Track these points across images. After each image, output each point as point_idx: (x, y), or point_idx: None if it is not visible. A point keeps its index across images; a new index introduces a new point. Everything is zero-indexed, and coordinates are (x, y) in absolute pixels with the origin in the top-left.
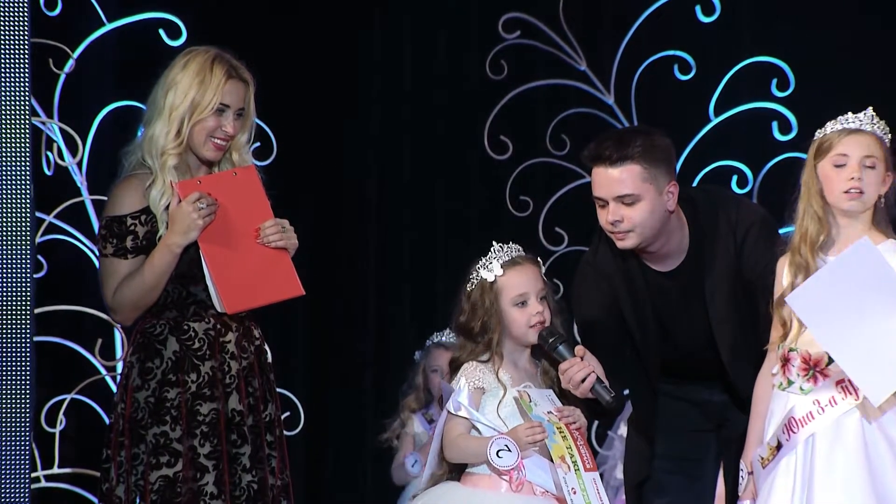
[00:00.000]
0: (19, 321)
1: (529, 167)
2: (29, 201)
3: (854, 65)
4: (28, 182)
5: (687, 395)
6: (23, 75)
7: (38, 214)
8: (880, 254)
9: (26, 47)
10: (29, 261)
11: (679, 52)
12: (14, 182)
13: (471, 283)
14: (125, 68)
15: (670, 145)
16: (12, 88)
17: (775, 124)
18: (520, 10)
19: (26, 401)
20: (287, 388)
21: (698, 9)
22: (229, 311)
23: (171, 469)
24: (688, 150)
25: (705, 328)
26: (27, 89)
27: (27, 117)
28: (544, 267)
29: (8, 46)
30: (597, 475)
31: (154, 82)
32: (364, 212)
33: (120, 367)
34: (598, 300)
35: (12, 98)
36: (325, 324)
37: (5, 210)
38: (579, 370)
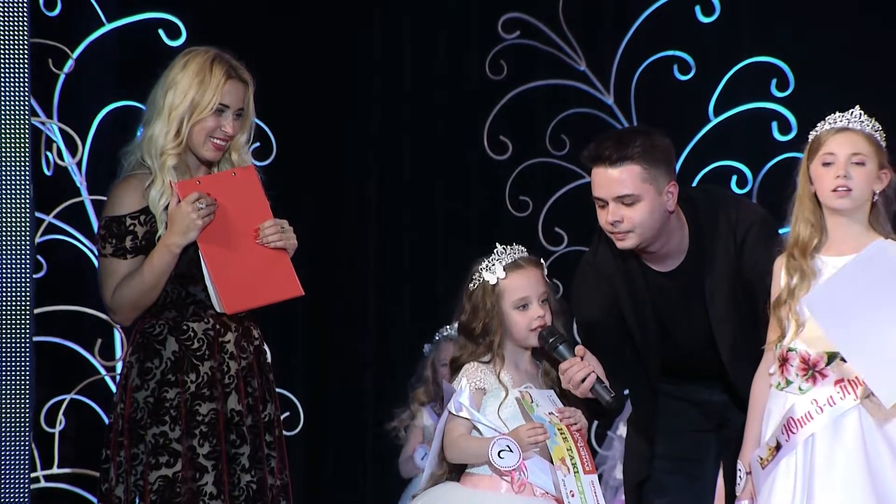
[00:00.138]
0: (19, 321)
1: (529, 167)
2: (28, 201)
3: (854, 65)
4: (28, 182)
5: (687, 395)
6: (22, 75)
7: (37, 214)
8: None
9: (26, 47)
10: (28, 261)
11: (679, 53)
12: (14, 182)
13: (473, 282)
14: (125, 68)
15: (670, 145)
16: (12, 88)
17: (775, 124)
18: (519, 10)
19: (26, 401)
20: (287, 388)
21: (698, 9)
22: (228, 311)
23: (171, 469)
24: (687, 151)
25: (705, 328)
26: (27, 89)
27: (27, 117)
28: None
29: (7, 46)
30: (595, 478)
31: (154, 82)
32: (364, 212)
33: (119, 368)
34: (598, 300)
35: (12, 98)
36: (325, 324)
37: (5, 210)
38: (579, 370)
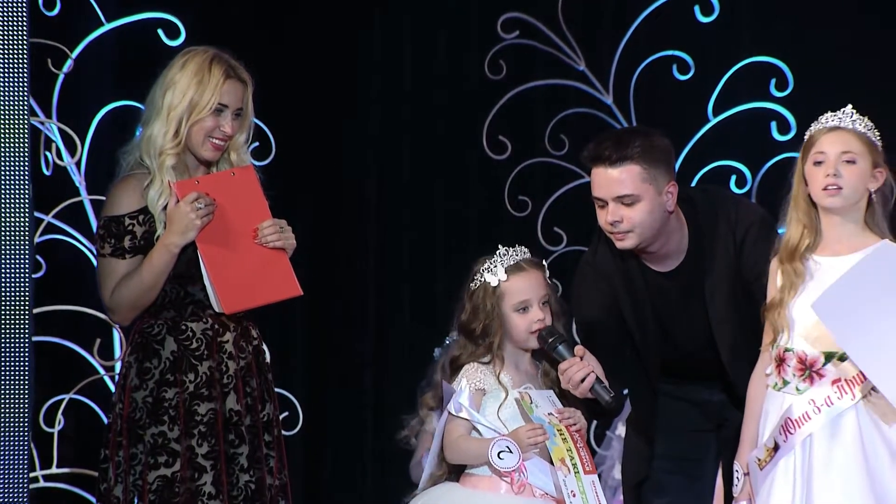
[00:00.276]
0: (18, 321)
1: (528, 167)
2: (27, 201)
3: (853, 65)
4: (27, 182)
5: (687, 395)
6: (21, 75)
7: (36, 214)
8: None
9: (25, 47)
10: (28, 261)
11: (678, 52)
12: (13, 182)
13: (475, 282)
14: (124, 68)
15: (669, 146)
16: (11, 88)
17: (774, 124)
18: (519, 10)
19: (25, 401)
20: (286, 388)
21: (697, 9)
22: (227, 311)
23: (169, 469)
24: (686, 150)
25: (705, 328)
26: (26, 89)
27: (26, 117)
28: None
29: (7, 46)
30: (596, 478)
31: (153, 82)
32: (363, 212)
33: (118, 367)
34: (597, 300)
35: (11, 98)
36: (324, 324)
37: (4, 210)
38: (578, 370)
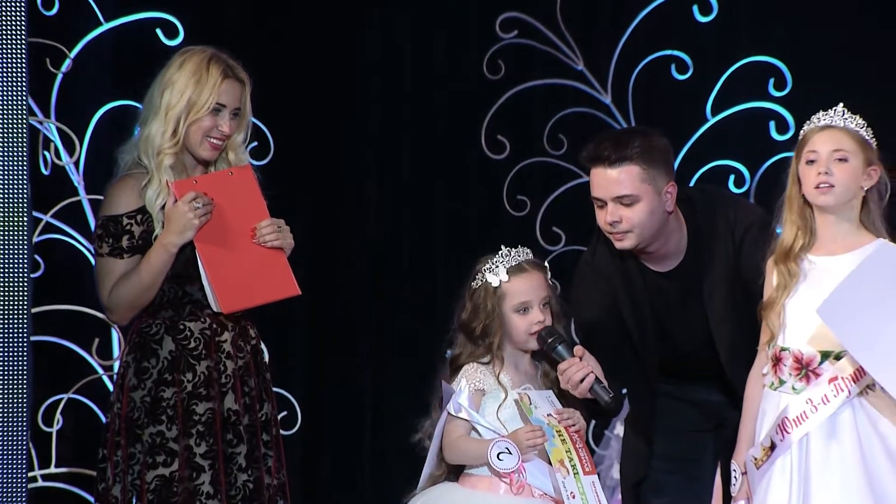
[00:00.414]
0: (16, 321)
1: (527, 167)
2: (26, 201)
3: (852, 64)
4: (25, 182)
5: (685, 395)
6: (20, 75)
7: (35, 214)
8: None
9: (23, 47)
10: (26, 260)
11: (676, 52)
12: (11, 182)
13: (476, 281)
14: (122, 68)
15: (669, 146)
16: (9, 88)
17: (772, 124)
18: (517, 9)
19: (23, 400)
20: (285, 387)
21: (695, 8)
22: (225, 310)
23: (168, 469)
24: (685, 150)
25: (704, 328)
26: (24, 89)
27: (24, 117)
28: None
29: (5, 46)
30: (595, 478)
31: (151, 82)
32: (363, 212)
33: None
34: (596, 300)
35: (9, 98)
36: (324, 323)
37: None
38: (578, 370)
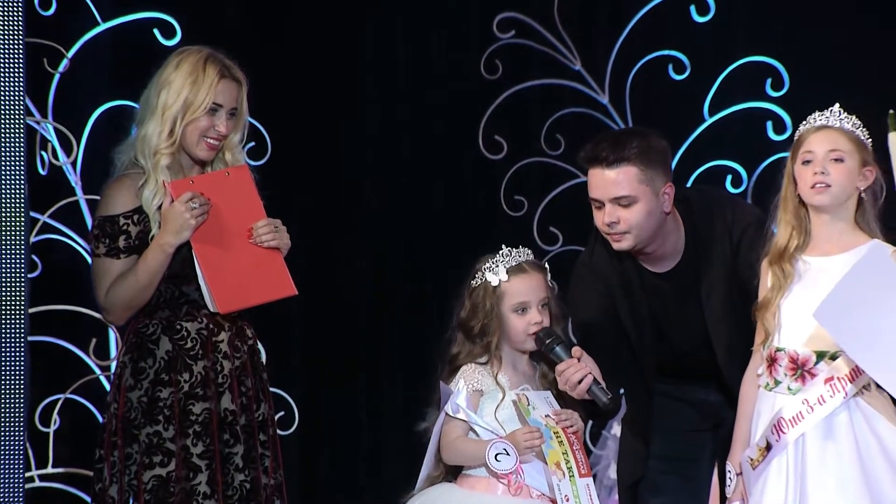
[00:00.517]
0: (13, 321)
1: (524, 167)
2: (23, 201)
3: (850, 64)
4: (22, 182)
5: (683, 395)
6: (17, 75)
7: (32, 214)
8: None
9: (21, 47)
10: (23, 260)
11: (673, 52)
12: (8, 182)
13: (475, 280)
14: (120, 68)
15: (667, 147)
16: (7, 88)
17: (770, 124)
18: (514, 9)
19: (20, 400)
20: (282, 387)
21: (693, 8)
22: (222, 310)
23: (164, 469)
24: (682, 150)
25: (701, 329)
26: (21, 89)
27: (21, 117)
28: None
29: (2, 46)
30: (591, 481)
31: (148, 82)
32: (361, 212)
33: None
34: (594, 301)
35: (7, 98)
36: (321, 323)
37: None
38: (576, 371)
